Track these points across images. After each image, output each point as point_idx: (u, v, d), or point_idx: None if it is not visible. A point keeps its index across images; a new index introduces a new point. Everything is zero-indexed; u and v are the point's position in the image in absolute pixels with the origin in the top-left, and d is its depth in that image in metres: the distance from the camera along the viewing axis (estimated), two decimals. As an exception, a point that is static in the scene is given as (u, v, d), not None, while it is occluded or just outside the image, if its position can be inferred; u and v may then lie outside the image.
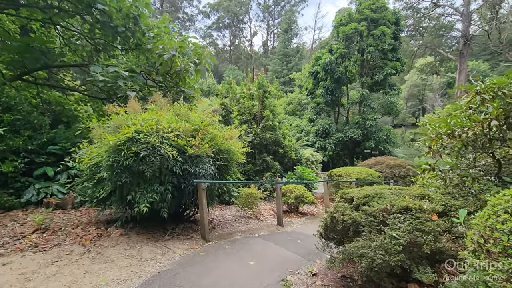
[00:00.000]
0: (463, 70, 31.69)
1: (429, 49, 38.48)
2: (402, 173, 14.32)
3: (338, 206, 3.15)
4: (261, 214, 7.17)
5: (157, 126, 4.09)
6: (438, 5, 36.60)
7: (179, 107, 4.91)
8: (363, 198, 3.05)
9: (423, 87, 44.69)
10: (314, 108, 24.24)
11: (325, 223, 3.38)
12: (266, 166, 9.95)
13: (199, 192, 4.50)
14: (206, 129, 4.69)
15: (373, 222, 2.72)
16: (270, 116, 9.86)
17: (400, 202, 2.74)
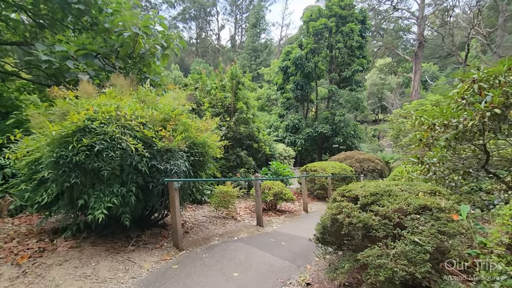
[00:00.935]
0: (418, 70, 33.82)
1: (388, 49, 40.52)
2: (370, 167, 14.66)
3: (341, 206, 2.70)
4: (238, 213, 6.60)
5: (117, 112, 3.29)
6: (396, 9, 38.61)
7: (145, 92, 4.11)
8: (370, 196, 2.63)
9: (382, 86, 47.15)
10: (284, 104, 24.14)
11: (322, 226, 2.92)
12: (240, 161, 9.37)
13: (171, 192, 3.80)
14: (178, 119, 3.98)
15: (388, 225, 2.30)
16: (244, 108, 9.27)
17: (417, 200, 2.35)
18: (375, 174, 14.94)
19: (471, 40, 26.96)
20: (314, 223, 6.64)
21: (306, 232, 5.56)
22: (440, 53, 48.87)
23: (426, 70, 44.81)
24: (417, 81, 33.93)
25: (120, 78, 4.12)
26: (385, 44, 40.21)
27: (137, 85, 4.54)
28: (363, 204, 2.61)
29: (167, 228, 4.79)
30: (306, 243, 4.84)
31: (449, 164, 4.40)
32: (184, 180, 4.02)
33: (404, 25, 42.36)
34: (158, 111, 3.85)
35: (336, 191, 3.19)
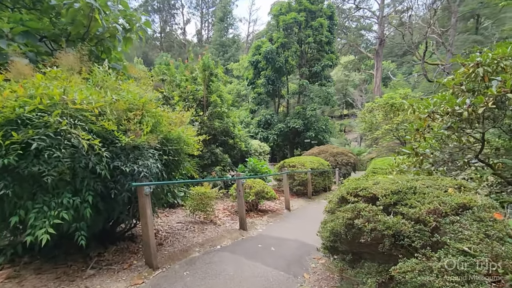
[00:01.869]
0: (379, 67, 35.41)
1: (351, 47, 41.90)
2: (344, 160, 14.75)
3: (357, 208, 2.23)
4: (217, 216, 5.97)
5: (62, 97, 2.49)
6: (359, 8, 40.02)
7: (103, 75, 3.30)
8: (392, 195, 2.19)
9: (346, 83, 48.82)
10: (255, 99, 23.65)
11: (332, 232, 2.44)
12: (215, 159, 8.69)
13: (141, 199, 3.08)
14: (147, 108, 3.25)
15: (424, 231, 1.86)
16: (218, 101, 8.58)
17: (453, 198, 1.95)
18: (348, 168, 15.10)
19: (426, 39, 28.62)
20: (299, 222, 6.28)
21: (293, 233, 5.12)
22: (397, 52, 51.81)
23: (385, 67, 47.15)
24: (379, 78, 35.48)
25: (69, 57, 3.26)
26: (348, 42, 41.51)
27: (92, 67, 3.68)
28: (385, 205, 2.16)
29: (136, 241, 4.03)
30: (296, 246, 4.39)
31: (442, 155, 4.19)
32: (157, 183, 3.31)
33: (366, 24, 44.11)
34: (121, 99, 3.08)
35: (342, 189, 2.73)
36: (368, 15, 41.35)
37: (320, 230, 3.50)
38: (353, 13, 41.08)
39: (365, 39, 49.65)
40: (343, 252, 2.44)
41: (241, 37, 61.66)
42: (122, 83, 3.31)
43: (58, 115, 2.38)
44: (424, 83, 34.91)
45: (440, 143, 4.24)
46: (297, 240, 4.69)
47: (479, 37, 27.13)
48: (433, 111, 3.70)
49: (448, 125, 3.59)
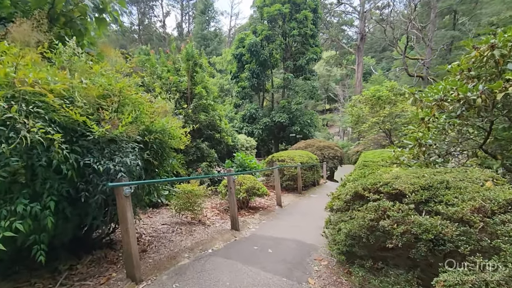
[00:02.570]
0: (361, 63, 35.85)
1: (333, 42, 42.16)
2: (331, 154, 14.66)
3: (381, 207, 1.89)
4: (205, 216, 5.53)
5: (11, 76, 1.94)
6: (340, 3, 40.17)
7: (70, 55, 2.75)
8: (422, 191, 1.87)
9: (328, 78, 49.27)
10: (239, 93, 23.11)
11: (349, 235, 2.09)
12: (200, 154, 8.20)
13: (120, 202, 2.60)
14: (125, 95, 2.75)
15: (470, 233, 1.55)
16: (204, 93, 8.06)
17: (499, 193, 1.64)
18: (335, 161, 15.03)
19: (402, 35, 29.20)
20: (293, 220, 5.95)
21: (289, 232, 4.79)
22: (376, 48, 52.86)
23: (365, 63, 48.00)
24: (360, 73, 35.94)
25: (23, 27, 2.66)
26: (330, 37, 41.71)
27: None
28: (415, 203, 1.84)
29: (115, 248, 3.53)
30: (294, 247, 4.06)
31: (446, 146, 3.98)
32: (139, 183, 2.84)
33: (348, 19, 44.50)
34: (94, 84, 2.56)
35: (357, 185, 2.39)
36: (349, 10, 41.62)
37: (326, 231, 3.17)
38: (334, 8, 41.22)
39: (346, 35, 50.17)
40: (361, 258, 2.10)
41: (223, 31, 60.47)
42: (94, 65, 2.78)
43: (3, 98, 1.85)
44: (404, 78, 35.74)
45: (441, 133, 4.02)
46: (294, 240, 4.36)
47: (456, 33, 27.93)
48: (441, 98, 3.43)
49: (458, 113, 3.34)
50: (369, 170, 7.76)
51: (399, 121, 11.82)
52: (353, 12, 40.31)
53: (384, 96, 12.30)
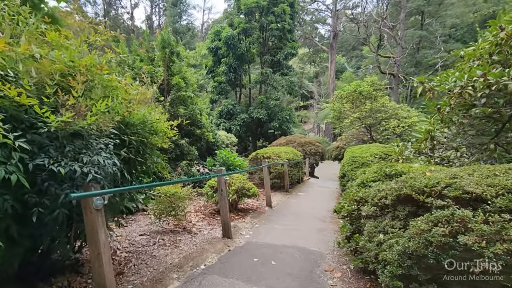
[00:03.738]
0: (333, 60, 36.53)
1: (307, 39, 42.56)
2: (312, 150, 14.48)
3: (457, 217, 1.44)
4: (190, 221, 4.89)
5: None
6: (314, 1, 40.57)
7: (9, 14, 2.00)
8: (509, 195, 1.43)
9: (302, 75, 49.81)
10: (216, 88, 22.17)
11: (406, 254, 1.63)
12: (180, 152, 7.47)
13: (89, 217, 1.92)
14: (95, 72, 2.07)
15: None
16: (182, 84, 7.32)
17: None
18: (317, 157, 14.89)
19: (371, 35, 30.08)
20: (287, 222, 5.40)
21: (287, 237, 4.31)
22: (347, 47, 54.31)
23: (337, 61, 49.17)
24: (333, 70, 36.62)
25: None
26: (304, 34, 42.05)
27: None
28: (502, 211, 1.40)
29: (82, 272, 2.80)
30: (299, 256, 3.58)
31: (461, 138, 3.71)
32: (116, 190, 2.17)
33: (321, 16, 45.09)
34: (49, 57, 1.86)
35: (401, 186, 1.93)
36: (322, 8, 42.20)
37: (340, 240, 2.72)
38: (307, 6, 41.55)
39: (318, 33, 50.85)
40: (421, 283, 1.65)
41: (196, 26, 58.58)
42: (49, 32, 2.05)
43: None
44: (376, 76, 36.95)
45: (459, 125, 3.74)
46: (295, 247, 3.88)
47: (424, 33, 29.20)
48: (462, 86, 3.11)
49: (483, 102, 3.04)
50: (357, 165, 7.54)
51: (380, 116, 11.85)
52: (325, 10, 40.92)
53: (365, 91, 12.26)
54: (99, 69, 2.10)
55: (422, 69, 30.09)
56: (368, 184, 2.80)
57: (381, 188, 2.17)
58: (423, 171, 2.07)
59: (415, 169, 2.73)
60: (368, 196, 2.36)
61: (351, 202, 2.80)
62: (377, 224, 2.04)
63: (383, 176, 2.79)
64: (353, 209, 2.68)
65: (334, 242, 4.15)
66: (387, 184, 2.15)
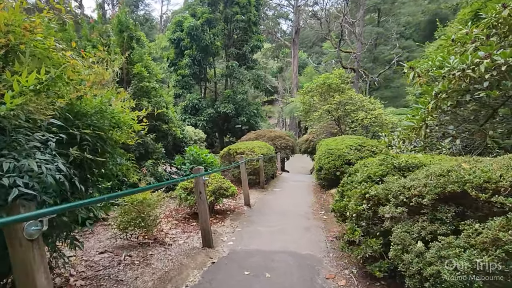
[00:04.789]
0: (296, 56, 37.05)
1: (270, 34, 42.61)
2: (283, 144, 14.29)
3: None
4: (161, 230, 4.23)
5: None
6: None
7: None
8: None
9: (265, 70, 49.90)
10: (179, 82, 20.91)
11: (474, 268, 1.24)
12: (144, 150, 6.64)
13: (17, 253, 1.26)
14: (21, 36, 1.38)
15: None
16: (145, 73, 6.46)
17: None
18: (287, 151, 14.74)
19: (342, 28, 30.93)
20: (271, 222, 4.72)
21: (275, 240, 3.88)
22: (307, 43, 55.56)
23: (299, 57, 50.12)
24: (296, 65, 37.14)
25: None
26: (267, 28, 42.04)
27: None
28: None
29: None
30: (293, 262, 3.16)
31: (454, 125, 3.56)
32: (59, 209, 1.50)
33: (283, 12, 45.40)
34: None
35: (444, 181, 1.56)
36: (284, 4, 42.48)
37: (347, 250, 2.34)
38: (269, 1, 41.52)
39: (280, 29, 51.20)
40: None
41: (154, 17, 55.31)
42: None
43: None
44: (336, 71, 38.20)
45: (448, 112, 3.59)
46: (287, 252, 3.46)
47: (381, 29, 30.69)
48: (464, 68, 2.89)
49: (486, 85, 2.85)
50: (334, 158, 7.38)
51: (349, 108, 11.97)
52: (287, 6, 41.23)
53: (334, 84, 12.30)
54: (29, 30, 1.42)
55: (380, 64, 31.69)
56: (376, 179, 2.46)
57: (409, 184, 1.81)
58: (457, 163, 1.76)
59: (426, 159, 2.44)
60: (388, 193, 2.00)
61: (359, 200, 2.44)
62: (409, 229, 1.68)
63: (391, 169, 2.46)
64: (363, 209, 2.31)
65: (326, 243, 3.83)
66: (415, 180, 1.80)
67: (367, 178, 2.54)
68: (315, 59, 53.47)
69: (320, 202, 6.60)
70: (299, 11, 37.76)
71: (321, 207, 6.12)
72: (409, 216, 1.77)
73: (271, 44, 47.48)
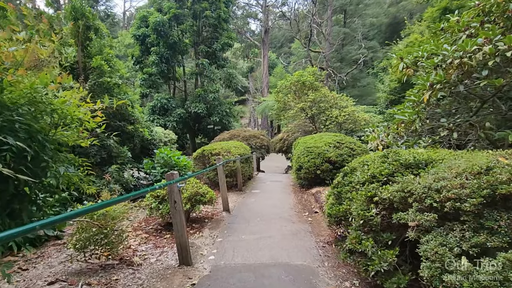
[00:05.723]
0: (266, 55, 37.14)
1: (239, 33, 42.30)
2: (258, 143, 13.93)
3: None
4: (129, 247, 3.62)
5: None
6: (245, -6, 40.31)
7: None
8: None
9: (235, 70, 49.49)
10: (146, 80, 19.66)
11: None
12: (107, 155, 5.89)
13: None
14: None
15: None
16: (105, 67, 5.71)
17: None
18: (262, 151, 14.40)
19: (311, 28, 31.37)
20: (255, 229, 4.12)
21: (264, 251, 3.45)
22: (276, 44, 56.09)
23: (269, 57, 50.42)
24: (266, 65, 37.21)
25: None
26: (237, 28, 41.72)
27: None
28: None
29: None
30: (287, 277, 2.78)
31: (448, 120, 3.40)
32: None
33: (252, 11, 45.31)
34: None
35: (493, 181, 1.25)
36: (253, 3, 42.44)
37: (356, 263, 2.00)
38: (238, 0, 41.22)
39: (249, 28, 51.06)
40: None
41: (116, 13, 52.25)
42: None
43: None
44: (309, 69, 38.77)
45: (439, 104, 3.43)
46: (278, 264, 3.07)
47: (347, 30, 31.60)
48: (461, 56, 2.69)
49: (485, 74, 2.67)
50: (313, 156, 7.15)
51: (323, 106, 11.94)
52: (256, 5, 41.18)
53: (308, 81, 12.19)
54: None
55: (347, 64, 32.63)
56: (382, 179, 2.15)
57: (437, 186, 1.50)
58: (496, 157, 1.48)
59: (434, 155, 2.19)
60: (406, 196, 1.68)
61: (365, 204, 2.10)
62: (444, 240, 1.36)
63: (398, 167, 2.17)
64: (372, 215, 1.98)
65: (318, 249, 3.50)
66: (443, 180, 1.49)
67: (371, 178, 2.22)
68: (284, 59, 54.04)
69: (301, 202, 6.32)
70: (267, 11, 37.83)
71: (303, 208, 5.82)
72: (439, 223, 1.47)
73: (241, 44, 47.15)
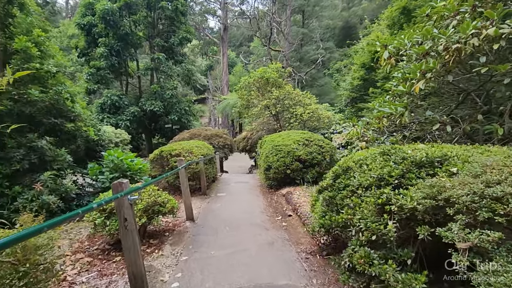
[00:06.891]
0: (225, 53, 36.55)
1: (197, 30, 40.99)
2: (221, 143, 13.28)
3: None
4: (64, 280, 2.80)
5: None
6: (201, -11, 39.11)
7: None
8: None
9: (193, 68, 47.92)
10: (93, 75, 17.62)
11: None
12: (38, 160, 4.79)
13: None
14: None
15: None
16: (34, 51, 4.61)
17: None
18: (226, 150, 13.76)
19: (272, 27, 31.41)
20: (226, 241, 3.52)
21: (237, 269, 2.90)
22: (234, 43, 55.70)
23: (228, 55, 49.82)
24: (225, 63, 36.61)
25: None
26: (195, 24, 40.36)
27: None
28: None
29: None
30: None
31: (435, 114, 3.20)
32: None
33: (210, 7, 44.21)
34: None
35: None
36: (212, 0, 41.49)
37: None
38: (196, -5, 39.86)
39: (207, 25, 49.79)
40: None
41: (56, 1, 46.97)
42: None
43: None
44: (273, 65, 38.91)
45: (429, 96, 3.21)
46: (258, 286, 2.54)
47: (305, 30, 32.29)
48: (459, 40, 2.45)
49: (483, 61, 2.45)
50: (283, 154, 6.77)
51: (287, 103, 11.73)
52: (215, 1, 40.21)
53: (272, 78, 11.89)
54: None
55: (306, 64, 33.38)
56: (393, 181, 1.76)
57: (494, 192, 1.12)
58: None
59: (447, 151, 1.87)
60: (442, 206, 1.28)
61: (374, 214, 1.68)
62: None
63: (410, 166, 1.80)
64: (388, 231, 1.56)
65: (301, 262, 3.05)
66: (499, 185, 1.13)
67: (378, 181, 1.83)
68: (243, 58, 53.75)
69: (272, 205, 5.89)
70: (226, 8, 37.09)
71: (275, 211, 5.40)
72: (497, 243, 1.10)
73: (199, 41, 45.67)
